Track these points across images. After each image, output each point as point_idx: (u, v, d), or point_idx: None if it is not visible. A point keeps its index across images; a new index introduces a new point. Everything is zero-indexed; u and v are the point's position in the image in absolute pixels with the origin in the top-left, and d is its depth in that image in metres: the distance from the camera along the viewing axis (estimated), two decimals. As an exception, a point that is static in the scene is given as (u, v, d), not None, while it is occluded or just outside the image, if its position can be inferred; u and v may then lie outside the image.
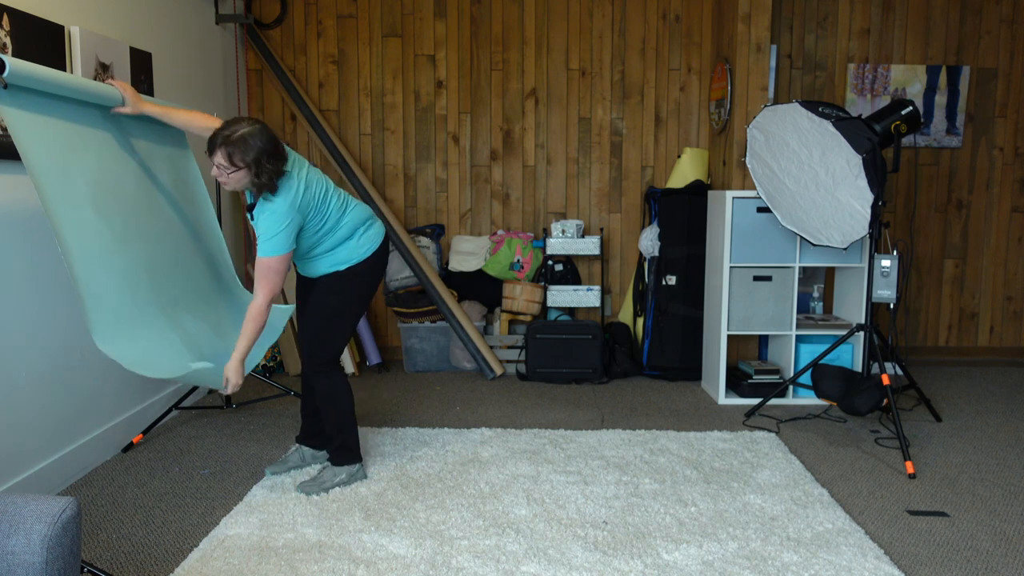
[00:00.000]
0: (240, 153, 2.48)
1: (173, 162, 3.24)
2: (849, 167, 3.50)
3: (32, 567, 1.32)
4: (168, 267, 2.85)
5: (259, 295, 2.61)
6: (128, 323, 2.53)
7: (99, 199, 2.53)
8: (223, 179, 2.52)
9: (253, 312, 2.61)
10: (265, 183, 2.54)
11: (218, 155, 2.48)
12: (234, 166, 2.49)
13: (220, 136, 2.48)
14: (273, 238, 2.58)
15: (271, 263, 2.61)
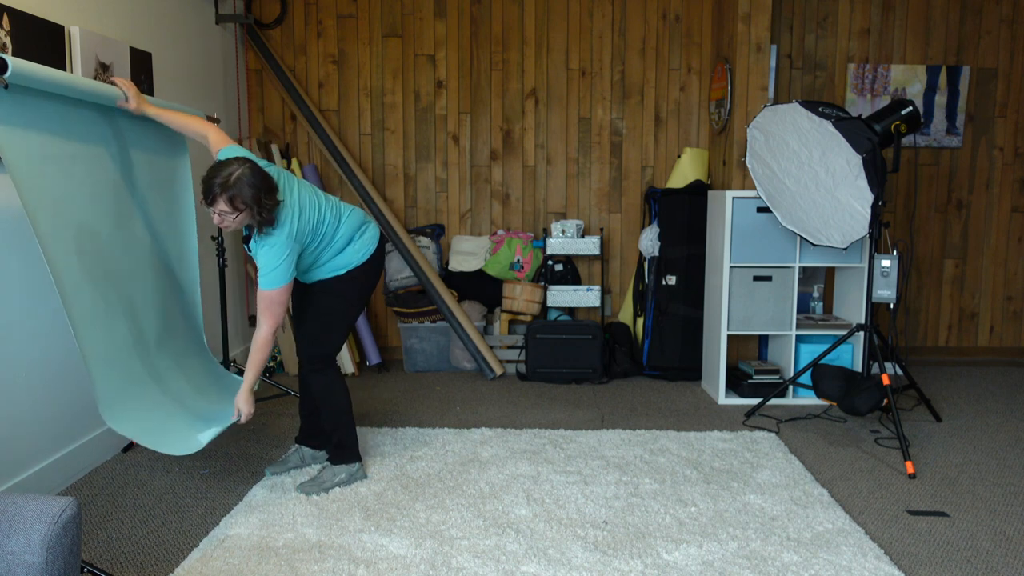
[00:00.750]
0: (241, 196, 2.49)
1: (165, 182, 3.24)
2: (849, 167, 3.50)
3: (32, 567, 1.32)
4: (146, 309, 2.90)
5: (263, 326, 2.67)
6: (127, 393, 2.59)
7: (84, 246, 2.57)
8: (226, 224, 2.53)
9: (259, 343, 2.68)
10: (265, 218, 2.56)
11: (220, 203, 2.49)
12: (236, 210, 2.50)
13: (216, 184, 2.48)
14: (274, 271, 2.62)
15: (274, 296, 2.64)
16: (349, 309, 2.90)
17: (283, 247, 2.61)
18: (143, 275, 2.94)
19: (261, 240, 2.62)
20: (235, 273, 4.65)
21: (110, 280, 2.69)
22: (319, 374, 2.90)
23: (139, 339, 2.80)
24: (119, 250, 2.78)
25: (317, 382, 2.91)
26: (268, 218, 2.56)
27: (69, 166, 2.55)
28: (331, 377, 2.91)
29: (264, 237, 2.61)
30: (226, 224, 2.53)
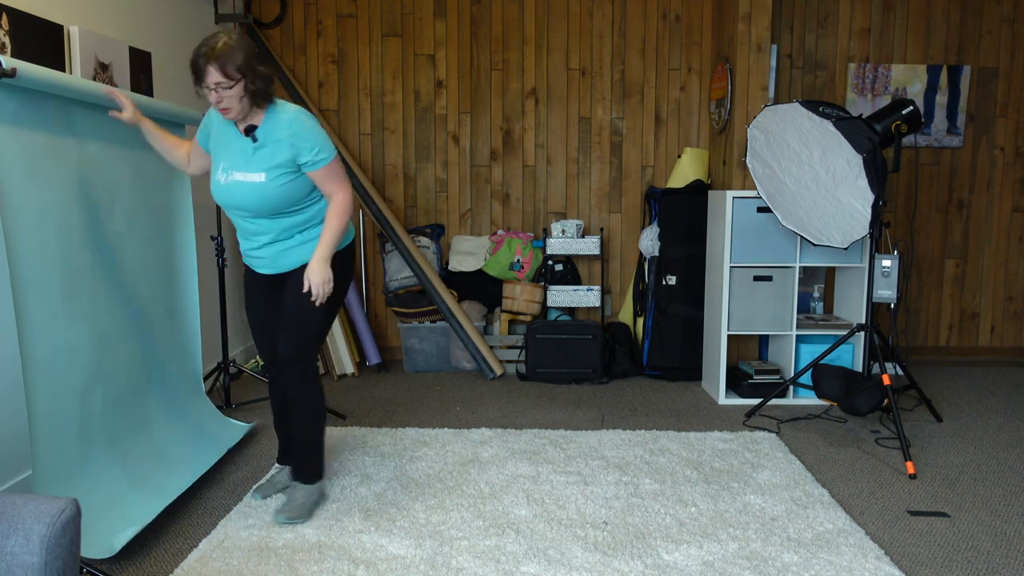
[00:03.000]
0: (231, 62, 2.30)
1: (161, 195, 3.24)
2: (850, 167, 3.49)
3: (31, 567, 1.31)
4: (126, 349, 2.82)
5: (342, 192, 2.50)
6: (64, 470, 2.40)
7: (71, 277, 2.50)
8: (222, 101, 2.34)
9: (345, 205, 2.49)
10: (261, 89, 2.39)
11: (211, 73, 2.29)
12: (229, 79, 2.30)
13: (203, 54, 2.29)
14: (324, 139, 2.47)
15: (337, 163, 2.50)
16: (335, 304, 2.62)
17: (307, 116, 2.46)
18: (130, 305, 2.87)
19: (274, 125, 2.43)
20: (235, 273, 4.64)
21: (87, 315, 2.58)
22: (310, 383, 2.59)
23: (108, 390, 2.68)
24: (104, 272, 2.70)
25: (308, 393, 2.59)
26: (265, 89, 2.40)
27: (54, 170, 2.54)
28: (319, 387, 2.62)
29: (277, 120, 2.44)
30: (224, 102, 2.34)
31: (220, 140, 2.53)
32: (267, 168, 2.45)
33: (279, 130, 2.44)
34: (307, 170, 2.47)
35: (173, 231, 3.24)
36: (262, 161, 2.45)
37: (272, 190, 2.45)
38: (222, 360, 3.85)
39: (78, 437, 2.50)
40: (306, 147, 2.44)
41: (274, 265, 2.60)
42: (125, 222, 2.87)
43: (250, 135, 2.47)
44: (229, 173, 2.48)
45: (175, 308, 3.22)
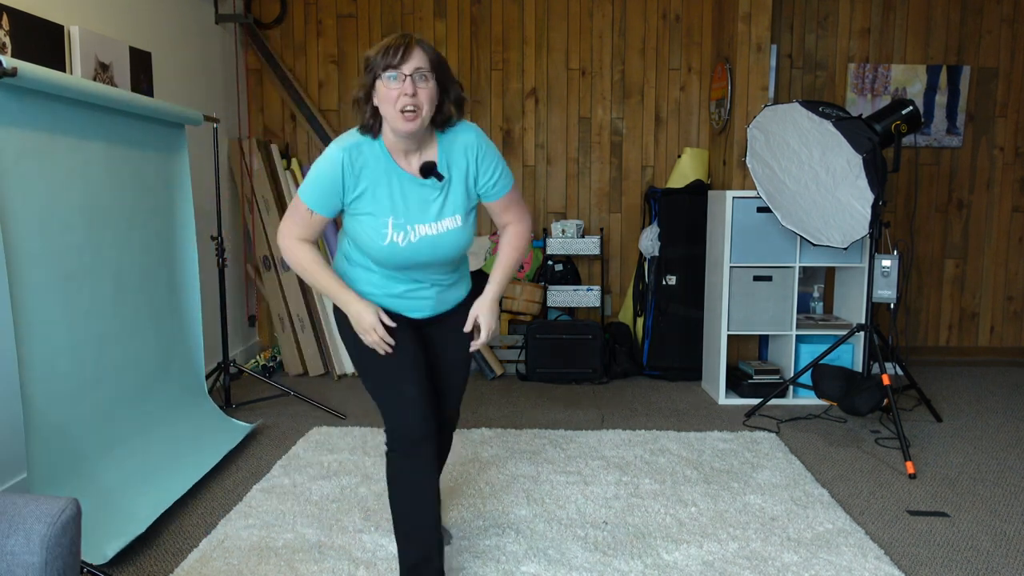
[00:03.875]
0: (437, 53, 1.92)
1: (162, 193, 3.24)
2: (849, 167, 3.50)
3: (31, 567, 1.31)
4: (128, 354, 2.80)
5: (528, 217, 2.15)
6: (61, 474, 2.39)
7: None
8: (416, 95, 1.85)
9: (528, 234, 2.15)
10: (456, 97, 1.96)
11: (416, 55, 1.85)
12: (433, 70, 1.89)
13: (405, 35, 1.90)
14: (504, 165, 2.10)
15: (518, 188, 2.22)
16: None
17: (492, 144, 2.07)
18: (131, 305, 2.85)
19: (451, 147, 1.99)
20: (235, 273, 4.65)
21: (87, 314, 2.56)
22: (452, 430, 2.37)
23: (107, 391, 2.66)
24: (105, 272, 2.69)
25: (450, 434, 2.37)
26: (458, 101, 1.97)
27: (55, 170, 2.53)
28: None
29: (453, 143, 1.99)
30: (416, 97, 1.85)
31: (371, 191, 1.96)
32: (463, 209, 2.01)
33: (459, 153, 2.00)
34: (490, 198, 2.06)
35: (174, 231, 3.25)
36: (455, 202, 2.00)
37: (469, 232, 2.03)
38: (222, 360, 3.85)
39: (75, 439, 2.50)
40: (491, 168, 2.03)
41: (434, 307, 2.12)
42: (126, 222, 2.87)
43: (431, 175, 1.97)
44: (408, 230, 1.96)
45: (176, 308, 3.23)
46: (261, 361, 4.57)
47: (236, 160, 4.63)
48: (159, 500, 2.61)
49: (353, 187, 1.95)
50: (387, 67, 1.85)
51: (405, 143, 1.93)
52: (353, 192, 1.96)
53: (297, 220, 2.00)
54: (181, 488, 2.73)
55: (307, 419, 3.73)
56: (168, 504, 2.61)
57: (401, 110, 1.85)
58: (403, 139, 1.91)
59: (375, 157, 1.96)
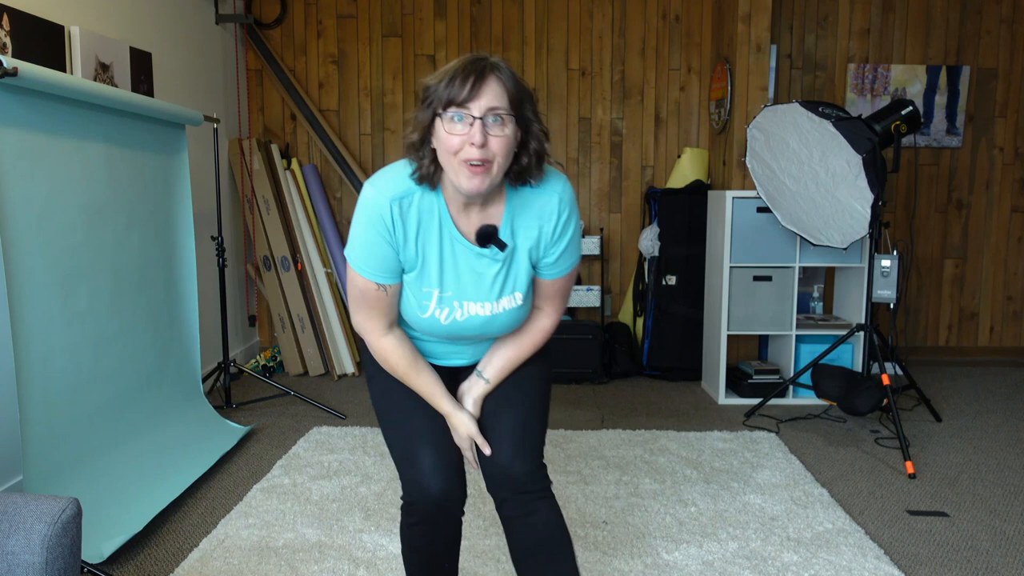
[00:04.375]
0: (520, 86, 1.48)
1: (161, 193, 3.24)
2: (849, 167, 3.50)
3: (32, 567, 1.31)
4: (123, 350, 2.80)
5: (555, 318, 1.72)
6: (58, 473, 2.38)
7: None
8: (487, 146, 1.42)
9: (550, 330, 1.73)
10: (537, 149, 1.51)
11: (490, 90, 1.42)
12: (512, 110, 1.44)
13: (482, 58, 1.47)
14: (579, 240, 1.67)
15: (573, 276, 1.70)
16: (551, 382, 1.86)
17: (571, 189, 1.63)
18: (129, 306, 2.86)
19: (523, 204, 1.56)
20: (235, 273, 4.65)
21: (85, 314, 2.56)
22: (551, 498, 1.70)
23: (104, 391, 2.66)
24: (103, 272, 2.69)
25: (559, 514, 1.70)
26: (540, 152, 1.51)
27: (55, 170, 2.53)
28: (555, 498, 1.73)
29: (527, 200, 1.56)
30: (486, 147, 1.42)
31: (418, 254, 1.57)
32: (524, 286, 1.62)
33: (532, 216, 1.57)
34: (547, 275, 1.64)
35: (173, 231, 3.25)
36: (518, 277, 1.61)
37: (527, 306, 1.66)
38: (222, 360, 3.85)
39: (71, 440, 2.50)
40: (563, 244, 1.60)
41: (472, 356, 1.77)
42: (125, 222, 2.88)
43: (490, 244, 1.56)
44: (455, 306, 1.60)
45: (174, 309, 3.23)
46: (261, 361, 4.57)
47: (236, 160, 4.64)
48: (155, 500, 2.61)
49: (402, 244, 1.54)
50: (450, 103, 1.42)
51: (467, 196, 1.50)
52: (402, 252, 1.55)
53: (366, 304, 1.60)
54: (177, 489, 2.73)
55: (307, 419, 3.73)
56: (164, 505, 2.61)
57: (466, 162, 1.43)
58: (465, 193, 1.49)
59: (430, 212, 1.53)
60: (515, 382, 1.72)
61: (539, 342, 1.71)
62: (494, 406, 1.70)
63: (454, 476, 1.65)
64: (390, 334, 1.64)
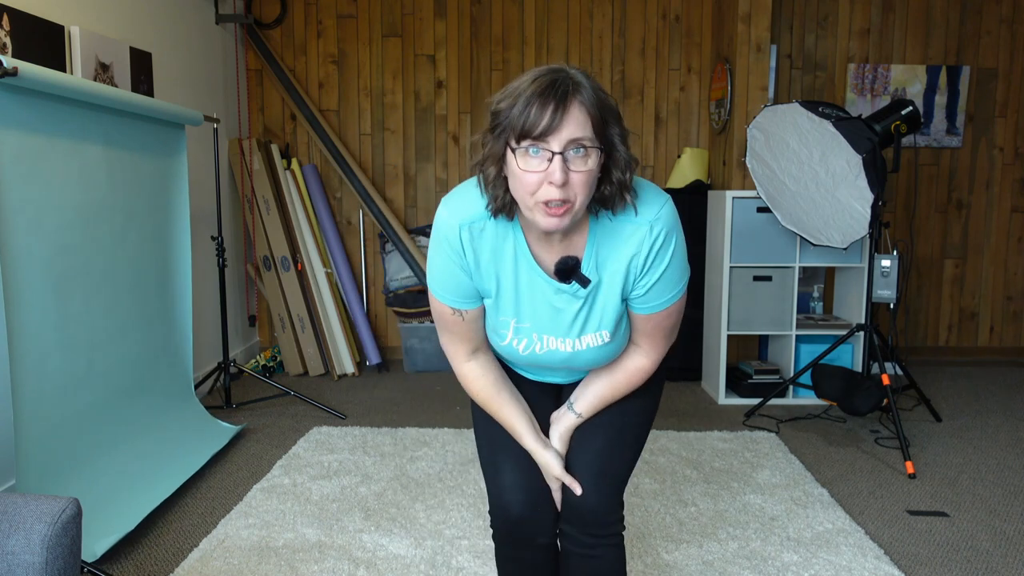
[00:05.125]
0: (608, 107, 1.28)
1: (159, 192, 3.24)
2: (849, 167, 3.50)
3: (32, 567, 1.31)
4: (116, 351, 2.80)
5: (652, 357, 1.55)
6: (51, 474, 2.39)
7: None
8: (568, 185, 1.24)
9: (649, 371, 1.57)
10: (619, 181, 1.32)
11: (573, 119, 1.22)
12: (596, 143, 1.25)
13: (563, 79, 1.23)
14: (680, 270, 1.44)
15: (685, 296, 1.48)
16: (653, 416, 1.73)
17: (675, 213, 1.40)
18: (124, 307, 2.85)
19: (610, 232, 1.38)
20: (235, 273, 4.65)
21: (80, 314, 2.57)
22: (622, 548, 1.56)
23: (96, 392, 2.67)
24: (98, 273, 2.69)
25: (614, 560, 1.55)
26: (624, 180, 1.31)
27: (53, 170, 2.53)
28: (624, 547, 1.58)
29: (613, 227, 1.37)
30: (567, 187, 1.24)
31: (493, 282, 1.44)
32: (612, 323, 1.45)
33: (620, 244, 1.38)
34: (639, 309, 1.45)
35: (170, 233, 3.25)
36: (604, 314, 1.44)
37: (619, 342, 1.51)
38: (222, 360, 3.85)
39: (64, 441, 2.50)
40: (658, 271, 1.39)
41: (567, 376, 1.63)
42: (122, 223, 2.88)
43: (572, 279, 1.40)
44: (533, 338, 1.47)
45: (168, 310, 3.23)
46: (261, 361, 4.57)
47: (236, 160, 4.64)
48: (148, 500, 2.61)
49: (474, 270, 1.42)
50: (525, 135, 1.23)
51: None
52: (475, 277, 1.43)
53: (446, 328, 1.51)
54: (169, 488, 2.73)
55: (307, 419, 3.74)
56: (156, 504, 2.61)
57: (543, 202, 1.25)
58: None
59: (505, 238, 1.39)
60: (610, 413, 1.58)
61: (635, 382, 1.55)
62: (580, 437, 1.58)
63: (537, 497, 1.54)
64: (473, 360, 1.54)
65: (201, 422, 3.33)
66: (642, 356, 1.53)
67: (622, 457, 1.57)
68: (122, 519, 2.44)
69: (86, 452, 2.59)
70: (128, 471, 2.71)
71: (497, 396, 1.55)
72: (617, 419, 1.58)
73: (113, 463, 2.69)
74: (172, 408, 3.20)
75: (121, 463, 2.72)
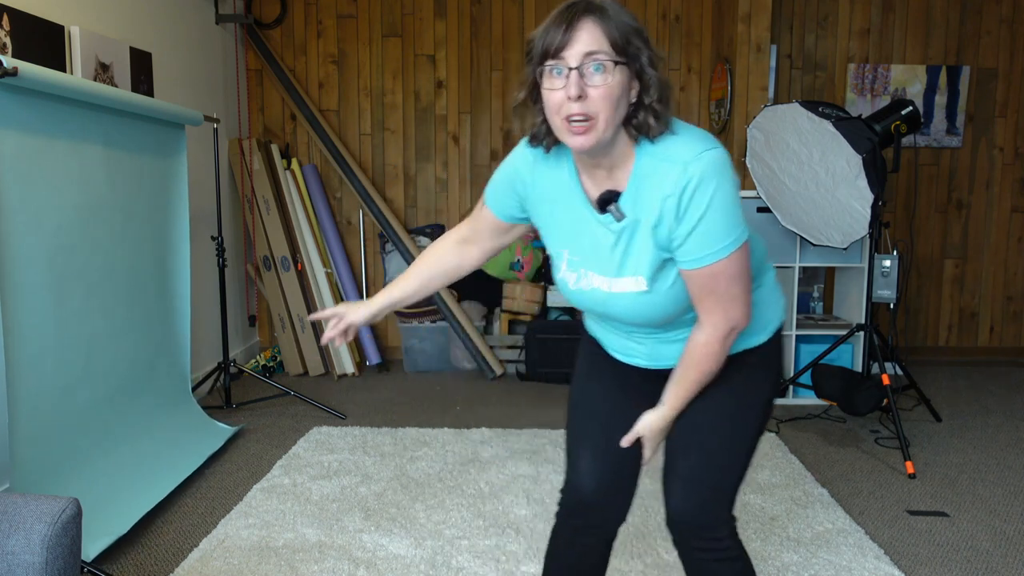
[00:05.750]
0: (623, 23, 1.27)
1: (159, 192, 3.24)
2: (849, 167, 3.50)
3: (32, 567, 1.31)
4: (114, 352, 2.80)
5: (721, 328, 1.39)
6: (49, 475, 2.39)
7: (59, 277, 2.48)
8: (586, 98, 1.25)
9: (713, 347, 1.40)
10: (656, 102, 1.30)
11: (585, 33, 1.24)
12: (616, 50, 1.25)
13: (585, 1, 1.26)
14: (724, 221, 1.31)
15: (741, 258, 1.35)
16: (766, 414, 1.60)
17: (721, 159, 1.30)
18: (122, 307, 2.85)
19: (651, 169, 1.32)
20: (235, 273, 4.65)
21: (78, 314, 2.57)
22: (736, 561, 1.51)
23: (93, 392, 2.66)
24: (97, 273, 2.69)
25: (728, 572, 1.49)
26: (663, 99, 1.30)
27: (52, 170, 2.53)
28: (746, 557, 1.53)
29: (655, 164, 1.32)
30: (591, 101, 1.24)
31: (549, 209, 1.47)
32: (648, 270, 1.38)
33: (655, 184, 1.32)
34: (682, 262, 1.35)
35: (169, 233, 3.25)
36: (639, 257, 1.37)
37: (659, 298, 1.40)
38: (222, 360, 3.85)
39: (60, 441, 2.50)
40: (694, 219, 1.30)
41: (649, 360, 1.56)
42: (121, 224, 2.88)
43: (608, 210, 1.38)
44: (581, 273, 1.45)
45: (166, 310, 3.23)
46: (261, 361, 4.57)
47: (236, 160, 4.64)
48: (144, 501, 2.61)
49: (531, 195, 1.48)
50: (546, 55, 1.26)
51: (588, 155, 1.34)
52: (529, 202, 1.49)
53: (470, 215, 1.64)
54: (166, 489, 2.73)
55: (307, 419, 3.74)
56: (151, 505, 2.60)
57: (567, 118, 1.27)
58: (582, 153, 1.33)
59: (559, 168, 1.43)
60: (711, 412, 1.48)
61: (699, 360, 1.41)
62: (678, 437, 1.54)
63: (609, 486, 1.57)
64: (452, 240, 1.64)
65: (198, 423, 3.33)
66: (697, 330, 1.41)
67: (722, 466, 1.51)
68: (118, 520, 2.44)
69: (81, 454, 2.59)
70: (124, 472, 2.71)
71: (417, 263, 1.66)
72: (717, 422, 1.51)
73: (108, 464, 2.68)
74: (169, 409, 3.20)
75: (117, 464, 2.72)
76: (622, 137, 1.32)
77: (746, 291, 1.38)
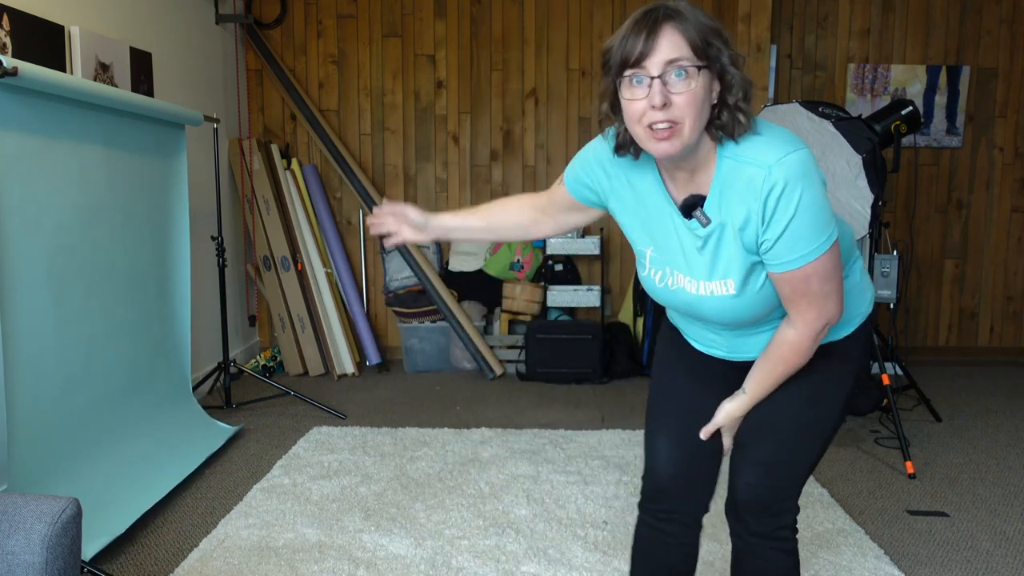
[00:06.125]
0: (705, 26, 1.26)
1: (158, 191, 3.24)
2: (849, 167, 3.50)
3: (32, 567, 1.31)
4: (114, 352, 2.79)
5: (812, 326, 1.37)
6: (47, 474, 2.39)
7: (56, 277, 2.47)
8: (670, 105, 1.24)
9: (804, 345, 1.39)
10: (741, 101, 1.29)
11: (666, 41, 1.23)
12: (696, 55, 1.24)
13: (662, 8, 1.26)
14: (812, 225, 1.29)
15: (833, 257, 1.33)
16: (841, 413, 1.53)
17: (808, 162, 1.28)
18: (122, 307, 2.85)
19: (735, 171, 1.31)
20: (235, 273, 4.65)
21: (78, 314, 2.56)
22: (791, 554, 1.52)
23: (93, 392, 2.66)
24: (97, 273, 2.69)
25: (783, 564, 1.52)
26: (744, 102, 1.29)
27: (52, 171, 2.53)
28: (797, 556, 1.53)
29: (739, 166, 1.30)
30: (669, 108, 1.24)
31: (633, 207, 1.50)
32: (739, 274, 1.37)
33: (740, 186, 1.31)
34: (771, 266, 1.34)
35: (168, 233, 3.25)
36: (728, 261, 1.37)
37: (749, 300, 1.40)
38: (222, 360, 3.85)
39: (59, 442, 2.49)
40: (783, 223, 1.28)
41: (728, 353, 1.55)
42: (121, 224, 2.88)
43: (694, 216, 1.37)
44: (667, 272, 1.46)
45: (166, 310, 3.23)
46: (261, 361, 4.57)
47: (236, 160, 4.64)
48: (142, 501, 2.61)
49: (610, 188, 1.51)
50: (624, 64, 1.25)
51: (670, 160, 1.34)
52: (608, 195, 1.53)
53: (552, 188, 1.65)
54: (164, 489, 2.73)
55: (307, 419, 3.74)
56: (149, 506, 2.60)
57: (649, 126, 1.26)
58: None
59: (643, 169, 1.44)
60: (788, 403, 1.47)
61: (786, 357, 1.41)
62: (753, 424, 1.51)
63: (688, 472, 1.56)
64: (525, 201, 1.68)
65: (198, 423, 3.33)
66: (788, 326, 1.40)
67: (790, 456, 1.49)
68: (115, 520, 2.44)
69: (80, 454, 2.58)
70: (124, 472, 2.71)
71: (490, 206, 1.71)
72: (790, 413, 1.49)
73: (109, 464, 2.68)
74: (169, 409, 3.20)
75: (117, 464, 2.72)
76: (705, 140, 1.31)
77: (839, 286, 1.37)
